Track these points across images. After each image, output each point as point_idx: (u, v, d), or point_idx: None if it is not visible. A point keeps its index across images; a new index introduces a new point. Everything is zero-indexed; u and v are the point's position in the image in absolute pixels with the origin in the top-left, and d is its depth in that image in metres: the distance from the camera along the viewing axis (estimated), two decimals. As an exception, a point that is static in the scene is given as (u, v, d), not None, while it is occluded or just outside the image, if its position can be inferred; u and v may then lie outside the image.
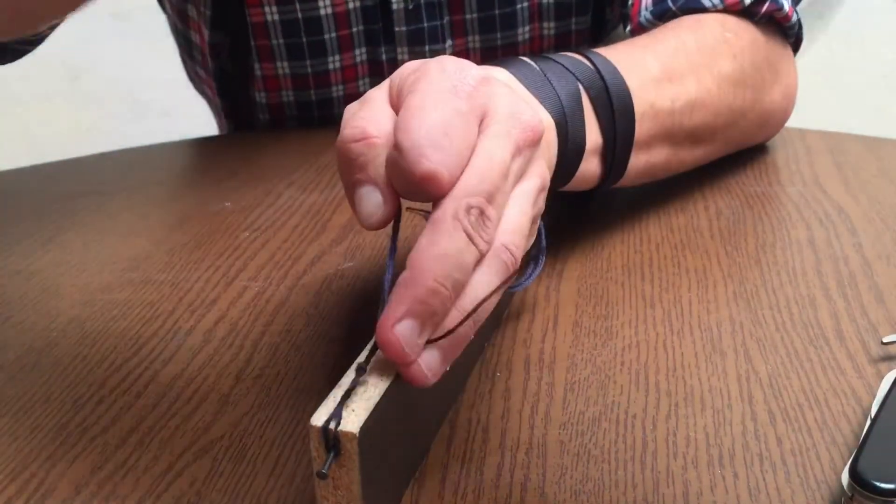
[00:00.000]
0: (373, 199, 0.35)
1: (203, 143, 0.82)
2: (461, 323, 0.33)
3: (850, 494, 0.33)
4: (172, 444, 0.39)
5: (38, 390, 0.44)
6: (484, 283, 0.34)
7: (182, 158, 0.80)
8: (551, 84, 0.46)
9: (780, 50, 0.66)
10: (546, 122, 0.44)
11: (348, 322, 0.48)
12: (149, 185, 0.71)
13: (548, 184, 0.40)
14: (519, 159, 0.37)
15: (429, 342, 0.33)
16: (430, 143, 0.34)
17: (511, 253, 0.35)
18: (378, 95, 0.38)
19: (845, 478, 0.33)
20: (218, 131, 0.99)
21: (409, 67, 0.39)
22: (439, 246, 0.33)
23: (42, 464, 0.39)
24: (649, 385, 0.42)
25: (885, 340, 0.43)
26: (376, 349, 0.33)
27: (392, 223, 0.36)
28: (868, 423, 0.36)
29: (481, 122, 0.36)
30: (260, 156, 0.74)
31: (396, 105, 0.37)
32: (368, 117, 0.36)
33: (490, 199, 0.34)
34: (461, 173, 0.34)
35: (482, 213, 0.34)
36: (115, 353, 0.46)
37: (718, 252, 0.54)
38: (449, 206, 0.33)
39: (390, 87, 0.39)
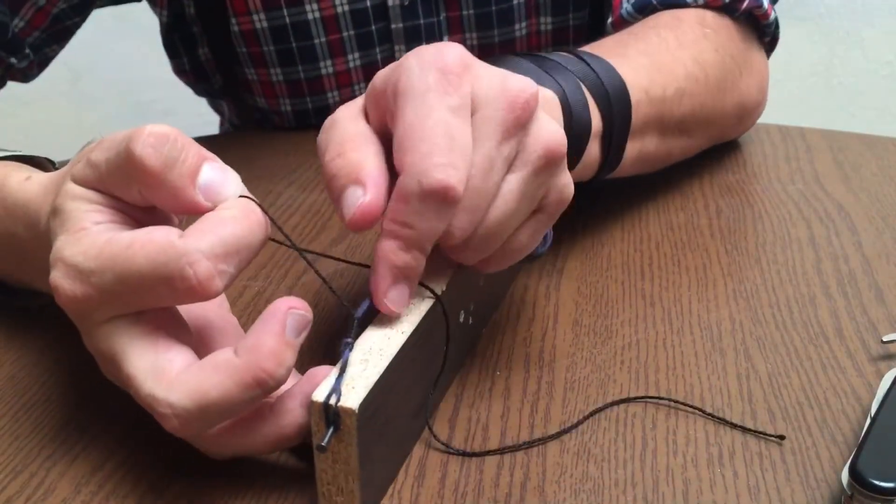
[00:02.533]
0: (356, 196, 0.35)
1: (203, 143, 0.82)
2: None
3: (849, 493, 0.33)
4: (173, 444, 0.39)
5: (38, 390, 0.44)
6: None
7: (182, 158, 0.80)
8: (549, 75, 0.47)
9: (755, 45, 0.68)
10: (549, 95, 0.45)
11: (349, 322, 0.48)
12: (149, 185, 0.71)
13: (554, 151, 0.38)
14: (507, 144, 0.36)
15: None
16: (437, 156, 0.34)
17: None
18: (347, 115, 0.39)
19: (845, 477, 0.33)
20: (218, 122, 0.99)
21: (381, 75, 0.38)
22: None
23: (42, 463, 0.39)
24: (649, 383, 0.42)
25: (885, 339, 0.43)
26: (361, 322, 0.35)
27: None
28: (868, 421, 0.36)
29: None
30: (260, 155, 0.74)
31: (375, 115, 0.38)
32: (348, 161, 0.36)
33: (473, 182, 0.35)
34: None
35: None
36: (116, 353, 0.46)
37: (718, 250, 0.54)
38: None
39: (365, 100, 0.39)
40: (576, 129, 0.47)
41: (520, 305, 0.49)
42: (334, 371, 0.33)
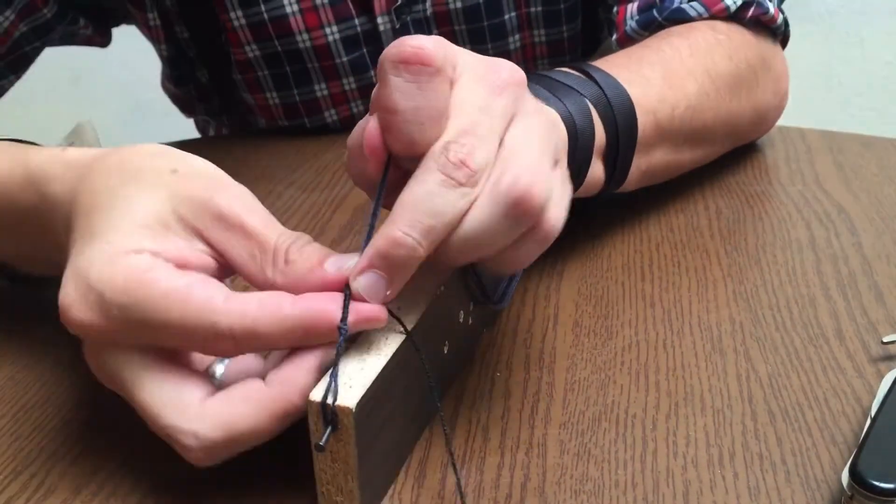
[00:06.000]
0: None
1: (203, 144, 0.82)
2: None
3: (850, 494, 0.33)
4: (173, 444, 0.39)
5: (38, 390, 0.44)
6: (474, 220, 0.33)
7: (182, 159, 0.80)
8: (557, 97, 0.46)
9: (771, 46, 0.67)
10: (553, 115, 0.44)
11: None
12: (149, 186, 0.71)
13: (558, 121, 0.38)
14: (501, 98, 0.35)
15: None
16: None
17: (511, 184, 0.33)
18: None
19: (845, 477, 0.33)
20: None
21: None
22: (410, 192, 0.33)
23: (43, 463, 0.39)
24: (649, 385, 0.42)
25: (884, 340, 0.43)
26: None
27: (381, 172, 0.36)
28: (868, 422, 0.36)
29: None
30: (260, 156, 0.74)
31: None
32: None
33: (470, 132, 0.33)
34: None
35: (465, 149, 0.33)
36: (116, 354, 0.46)
37: (718, 252, 0.54)
38: (428, 153, 0.33)
39: None
40: (581, 149, 0.46)
41: (519, 306, 0.49)
42: (331, 370, 0.33)
